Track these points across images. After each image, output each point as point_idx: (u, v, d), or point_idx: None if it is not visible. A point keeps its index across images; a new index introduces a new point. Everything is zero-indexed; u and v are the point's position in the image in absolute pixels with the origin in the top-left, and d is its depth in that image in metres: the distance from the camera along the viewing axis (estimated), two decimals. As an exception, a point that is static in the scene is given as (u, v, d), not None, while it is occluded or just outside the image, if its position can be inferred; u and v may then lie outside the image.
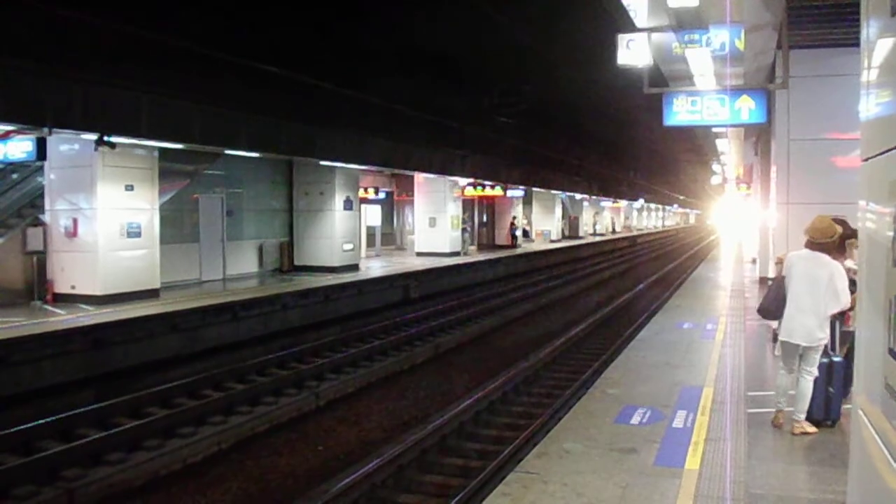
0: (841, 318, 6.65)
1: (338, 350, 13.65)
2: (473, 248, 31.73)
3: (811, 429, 6.49)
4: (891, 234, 2.00)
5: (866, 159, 2.41)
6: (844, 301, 6.10)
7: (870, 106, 2.41)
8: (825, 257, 6.22)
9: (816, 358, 6.37)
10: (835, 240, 6.32)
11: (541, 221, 42.63)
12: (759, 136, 18.69)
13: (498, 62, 21.09)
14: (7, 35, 10.88)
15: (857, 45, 2.52)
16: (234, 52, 14.11)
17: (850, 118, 8.74)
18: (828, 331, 6.35)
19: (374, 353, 13.52)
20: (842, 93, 9.58)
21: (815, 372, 6.37)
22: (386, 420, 10.21)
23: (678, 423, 6.82)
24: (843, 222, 6.70)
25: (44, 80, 11.52)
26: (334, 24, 16.38)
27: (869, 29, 2.40)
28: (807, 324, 6.23)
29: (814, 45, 10.13)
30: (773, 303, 6.55)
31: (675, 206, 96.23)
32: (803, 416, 6.47)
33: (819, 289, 6.16)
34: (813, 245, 6.29)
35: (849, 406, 6.61)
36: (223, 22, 14.36)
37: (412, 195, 28.52)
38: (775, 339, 7.63)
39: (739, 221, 41.27)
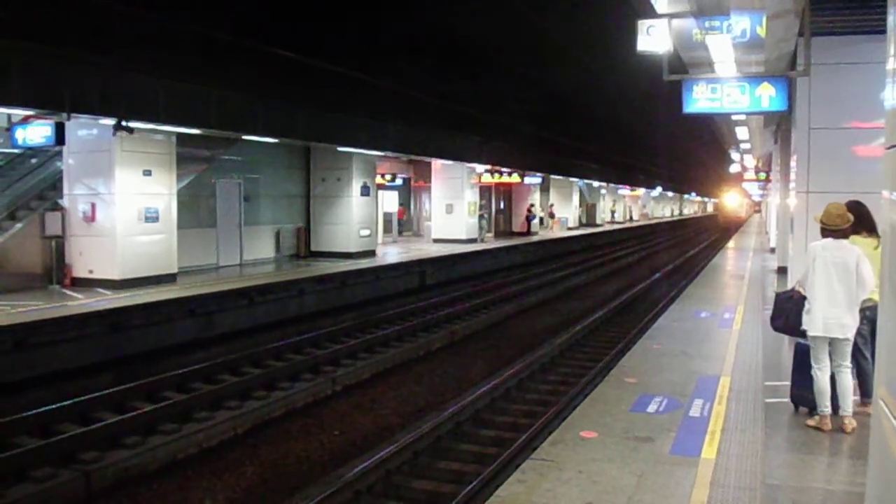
0: None
1: (354, 336, 13.69)
2: (490, 234, 31.70)
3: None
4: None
5: (890, 147, 2.37)
6: (871, 285, 5.92)
7: (895, 94, 2.36)
8: (846, 242, 6.11)
9: (849, 350, 6.17)
10: (850, 225, 6.21)
11: (558, 209, 42.49)
12: (779, 125, 18.50)
13: (516, 48, 20.96)
14: (26, 21, 10.93)
15: (883, 31, 2.48)
16: (253, 37, 14.12)
17: (874, 107, 8.65)
18: (857, 319, 6.12)
19: (390, 339, 13.55)
20: (866, 81, 9.42)
21: (850, 364, 6.20)
22: (402, 406, 10.23)
23: (695, 412, 6.79)
24: (858, 203, 6.50)
25: (63, 65, 11.59)
26: (352, 10, 16.33)
27: (896, 14, 2.36)
28: (841, 316, 6.02)
29: (837, 32, 9.95)
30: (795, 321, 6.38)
31: (693, 193, 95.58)
32: (851, 410, 6.23)
33: (850, 276, 5.98)
34: (832, 232, 6.14)
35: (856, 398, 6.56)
36: (241, 7, 14.35)
37: (429, 182, 28.51)
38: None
39: (759, 210, 40.94)
